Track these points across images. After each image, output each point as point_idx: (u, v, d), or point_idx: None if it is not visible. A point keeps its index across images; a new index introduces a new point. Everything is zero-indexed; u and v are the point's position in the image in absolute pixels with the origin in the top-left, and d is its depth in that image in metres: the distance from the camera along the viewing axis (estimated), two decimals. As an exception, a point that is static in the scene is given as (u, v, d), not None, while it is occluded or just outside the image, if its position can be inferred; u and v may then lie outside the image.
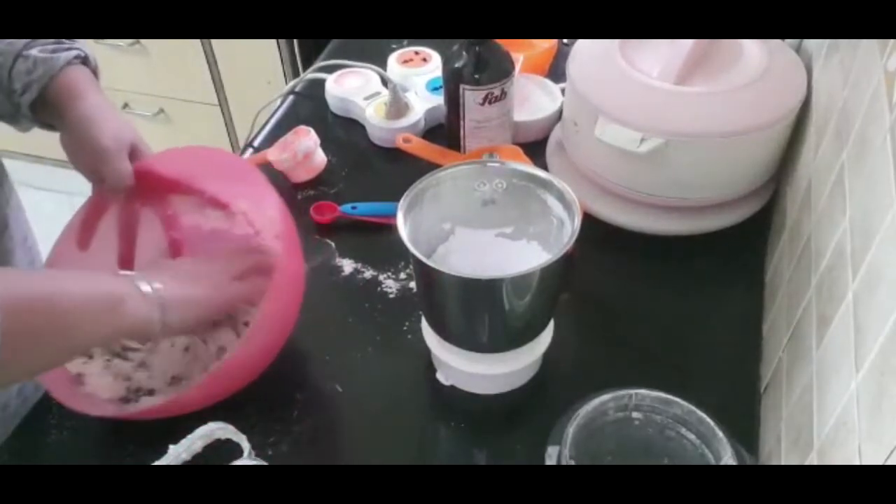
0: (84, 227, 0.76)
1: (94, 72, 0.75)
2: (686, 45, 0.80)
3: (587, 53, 0.89)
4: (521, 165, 0.70)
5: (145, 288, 0.60)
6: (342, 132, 1.07)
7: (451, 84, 0.92)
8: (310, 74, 1.14)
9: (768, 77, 0.80)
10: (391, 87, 1.02)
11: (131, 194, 0.74)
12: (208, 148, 0.78)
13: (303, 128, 0.97)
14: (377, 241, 0.89)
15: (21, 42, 0.69)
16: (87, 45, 0.74)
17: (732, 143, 0.80)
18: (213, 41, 1.80)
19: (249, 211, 0.78)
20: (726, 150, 0.81)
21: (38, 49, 0.70)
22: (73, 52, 0.72)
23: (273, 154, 0.96)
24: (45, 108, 0.71)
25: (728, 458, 0.56)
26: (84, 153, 0.71)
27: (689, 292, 0.85)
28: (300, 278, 0.73)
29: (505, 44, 0.92)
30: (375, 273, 0.86)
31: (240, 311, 0.72)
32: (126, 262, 0.77)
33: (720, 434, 0.57)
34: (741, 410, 0.72)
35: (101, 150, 0.70)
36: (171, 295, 0.62)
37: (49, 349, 0.55)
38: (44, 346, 0.54)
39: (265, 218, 0.77)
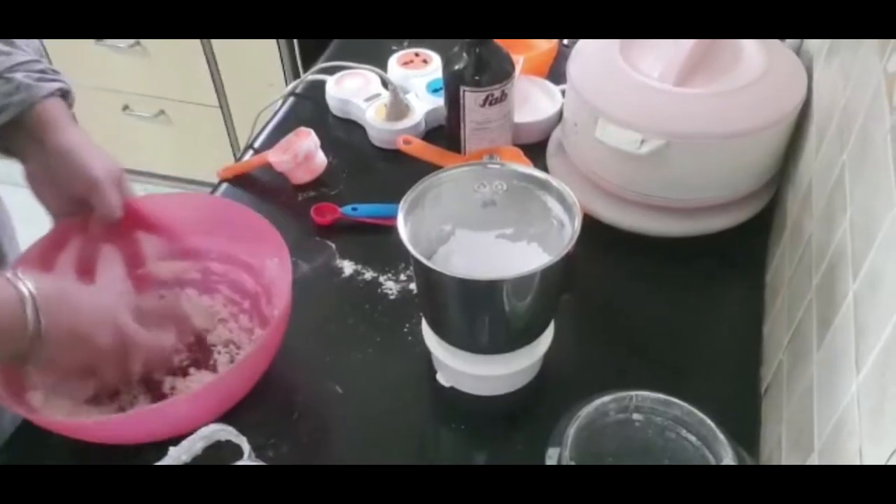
0: (42, 260, 0.74)
1: (70, 106, 0.74)
2: (686, 46, 0.80)
3: (587, 55, 0.89)
4: (522, 167, 0.70)
5: (21, 286, 0.58)
6: (343, 134, 1.07)
7: (452, 86, 0.92)
8: (310, 76, 1.14)
9: (769, 78, 0.80)
10: (391, 89, 1.02)
11: (102, 230, 0.73)
12: (217, 199, 0.82)
13: (303, 129, 0.97)
14: (377, 242, 0.89)
15: (7, 62, 0.68)
16: (68, 81, 0.73)
17: (733, 145, 0.80)
18: (214, 42, 1.80)
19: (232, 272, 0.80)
20: (727, 152, 0.81)
21: (23, 74, 0.69)
22: (58, 85, 0.71)
23: (273, 155, 0.96)
24: (15, 133, 0.70)
25: (729, 460, 0.56)
26: (62, 183, 0.70)
27: (689, 293, 0.85)
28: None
29: (505, 45, 0.92)
30: (376, 274, 0.86)
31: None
32: None
33: (721, 436, 0.57)
34: (742, 412, 0.72)
35: (94, 180, 0.70)
36: (47, 295, 0.59)
37: None
38: None
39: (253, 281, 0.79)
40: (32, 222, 0.82)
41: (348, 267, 0.87)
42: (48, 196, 0.72)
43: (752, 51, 0.84)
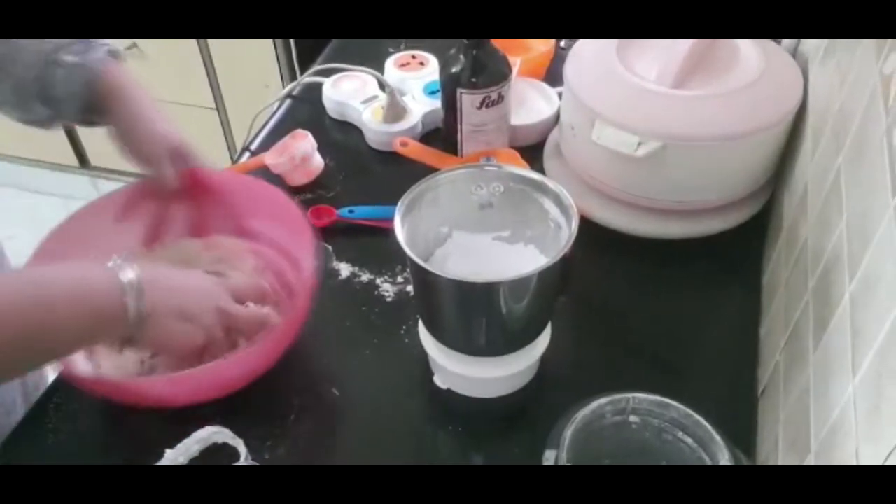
0: (126, 205, 0.79)
1: (123, 61, 0.76)
2: (683, 48, 0.80)
3: (584, 57, 0.89)
4: (519, 169, 0.70)
5: (123, 276, 0.60)
6: (339, 136, 1.07)
7: (449, 88, 0.92)
8: (307, 78, 1.14)
9: (765, 80, 0.81)
10: (388, 91, 1.02)
11: (176, 195, 0.78)
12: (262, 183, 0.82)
13: (300, 131, 0.97)
14: (374, 244, 0.89)
15: (46, 47, 0.69)
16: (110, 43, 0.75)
17: (729, 147, 0.80)
18: (211, 45, 1.80)
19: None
20: (723, 154, 0.81)
21: (68, 53, 0.70)
22: (104, 50, 0.72)
23: (270, 158, 0.96)
24: (88, 109, 0.73)
25: (725, 462, 0.56)
26: (132, 150, 0.74)
27: (686, 295, 0.85)
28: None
29: (502, 47, 0.92)
30: (372, 277, 0.86)
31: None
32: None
33: (717, 437, 0.57)
34: (738, 414, 0.72)
35: (146, 156, 0.74)
36: (151, 281, 0.61)
37: (39, 345, 0.56)
38: (34, 342, 0.55)
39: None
40: (32, 222, 0.82)
41: (345, 269, 0.87)
42: (131, 158, 0.76)
43: (748, 53, 0.84)
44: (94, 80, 0.71)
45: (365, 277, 0.86)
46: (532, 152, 0.99)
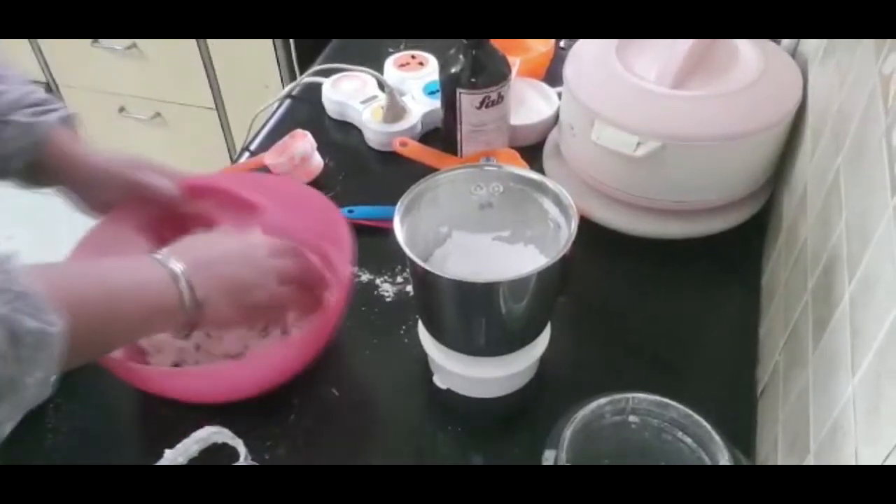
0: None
1: (77, 128, 0.75)
2: (683, 48, 0.80)
3: (584, 57, 0.89)
4: (518, 169, 0.70)
5: (173, 266, 0.60)
6: (339, 136, 1.07)
7: (448, 88, 0.92)
8: (306, 78, 1.14)
9: (764, 81, 0.81)
10: (388, 91, 1.02)
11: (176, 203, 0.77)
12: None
13: (300, 131, 0.97)
14: (374, 244, 0.88)
15: (1, 103, 0.69)
16: (64, 107, 0.74)
17: (729, 147, 0.80)
18: (210, 44, 1.80)
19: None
20: (723, 154, 0.81)
21: (22, 114, 0.69)
22: (57, 115, 0.71)
23: (270, 158, 0.96)
24: (36, 173, 0.71)
25: (725, 462, 0.56)
26: (101, 201, 0.75)
27: (685, 295, 0.85)
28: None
29: (501, 47, 0.92)
30: (372, 277, 0.86)
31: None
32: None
33: (717, 437, 0.57)
34: (738, 414, 0.72)
35: (132, 182, 0.74)
36: (194, 264, 0.61)
37: (101, 337, 0.56)
38: (98, 335, 0.56)
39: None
40: (32, 222, 0.82)
41: (345, 269, 0.87)
42: (95, 213, 0.76)
43: (747, 53, 0.84)
44: (40, 143, 0.70)
45: (364, 277, 0.86)
46: (532, 152, 0.99)
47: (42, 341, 0.47)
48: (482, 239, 0.72)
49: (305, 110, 1.12)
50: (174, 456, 0.59)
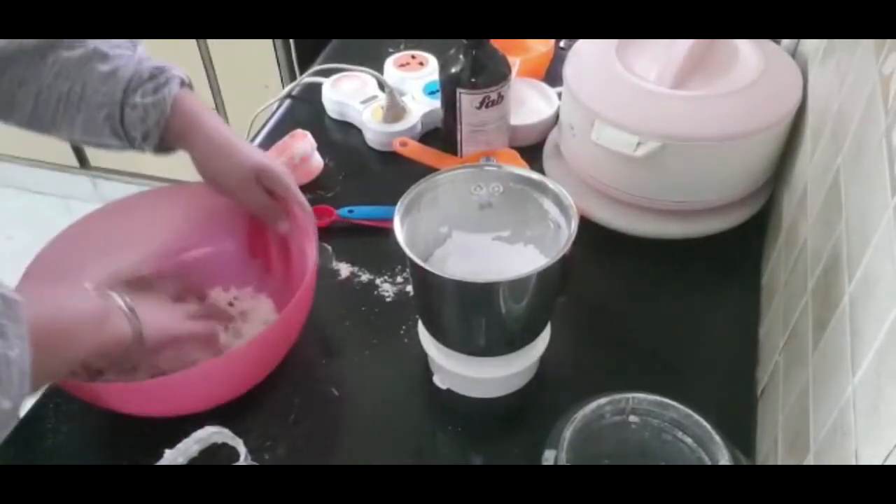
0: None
1: (191, 86, 0.76)
2: (682, 48, 0.80)
3: (584, 57, 0.89)
4: (518, 169, 0.70)
5: (122, 304, 0.64)
6: (339, 136, 1.07)
7: (448, 88, 0.92)
8: (306, 78, 1.14)
9: (764, 81, 0.81)
10: (388, 91, 1.02)
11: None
12: None
13: (299, 131, 0.97)
14: (374, 244, 0.89)
15: (117, 89, 0.69)
16: (176, 68, 0.74)
17: (729, 147, 0.80)
18: (210, 44, 1.80)
19: None
20: (723, 154, 0.81)
21: (141, 94, 0.70)
22: (175, 83, 0.72)
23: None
24: (167, 140, 0.73)
25: (725, 462, 0.56)
26: (217, 184, 0.77)
27: (685, 295, 0.85)
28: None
29: (501, 48, 0.92)
30: (372, 277, 0.86)
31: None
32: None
33: (717, 438, 0.57)
34: (738, 414, 0.72)
35: (231, 191, 0.76)
36: (142, 312, 0.65)
37: (56, 361, 0.58)
38: (54, 359, 0.57)
39: None
40: (32, 223, 0.82)
41: (345, 269, 0.87)
42: (215, 187, 0.77)
43: (747, 53, 0.84)
44: (167, 117, 0.71)
45: (364, 277, 0.86)
46: (532, 152, 0.99)
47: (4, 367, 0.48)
48: (482, 239, 0.72)
49: (305, 110, 1.12)
50: (174, 456, 0.59)
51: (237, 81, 1.87)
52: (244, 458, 0.62)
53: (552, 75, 1.10)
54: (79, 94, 0.69)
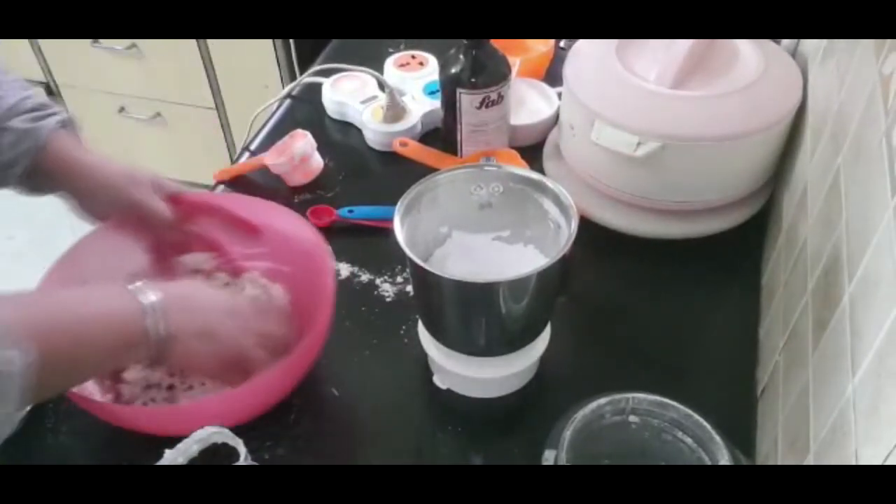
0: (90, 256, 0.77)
1: (77, 131, 0.74)
2: (682, 48, 0.80)
3: (584, 57, 0.89)
4: (518, 169, 0.70)
5: (144, 299, 0.60)
6: (339, 136, 1.07)
7: (448, 88, 0.92)
8: (306, 78, 1.14)
9: (764, 81, 0.81)
10: (388, 91, 1.02)
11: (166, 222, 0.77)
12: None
13: (299, 131, 0.97)
14: (374, 244, 0.89)
15: None
16: (64, 111, 0.73)
17: (729, 147, 0.80)
18: (210, 44, 1.80)
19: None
20: (722, 154, 0.81)
21: (20, 119, 0.69)
22: (56, 119, 0.71)
23: (270, 158, 0.96)
24: (37, 179, 0.71)
25: (725, 462, 0.56)
26: (103, 210, 0.75)
27: (685, 296, 0.85)
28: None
29: (501, 48, 0.92)
30: (372, 277, 0.86)
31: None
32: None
33: (717, 438, 0.57)
34: (738, 414, 0.72)
35: (135, 203, 0.74)
36: (173, 301, 0.61)
37: (69, 367, 0.57)
38: (67, 365, 0.56)
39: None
40: (32, 223, 0.82)
41: (345, 269, 0.87)
42: (94, 220, 0.76)
43: (748, 53, 0.84)
44: (39, 148, 0.69)
45: (364, 277, 0.86)
46: (532, 152, 0.99)
47: (4, 377, 0.48)
48: (482, 239, 0.72)
49: (305, 110, 1.12)
50: (174, 456, 0.59)
51: (237, 81, 1.87)
52: (244, 458, 0.61)
53: (552, 75, 1.10)
54: None
